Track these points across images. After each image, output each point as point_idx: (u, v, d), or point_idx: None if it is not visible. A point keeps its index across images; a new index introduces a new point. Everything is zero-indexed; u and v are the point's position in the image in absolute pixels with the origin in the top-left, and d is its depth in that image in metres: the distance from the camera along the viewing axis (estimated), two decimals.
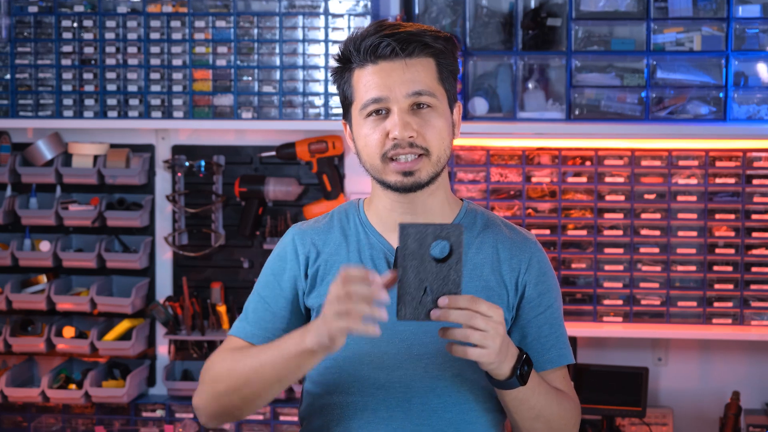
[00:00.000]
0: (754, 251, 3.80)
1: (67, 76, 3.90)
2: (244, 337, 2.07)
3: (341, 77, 2.05)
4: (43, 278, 4.03)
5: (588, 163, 3.85)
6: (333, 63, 2.07)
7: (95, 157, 3.99)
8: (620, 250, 3.83)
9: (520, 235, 2.10)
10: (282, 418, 3.90)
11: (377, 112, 1.99)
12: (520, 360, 1.90)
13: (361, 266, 1.83)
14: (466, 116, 3.81)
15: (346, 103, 2.06)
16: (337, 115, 3.81)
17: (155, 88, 3.87)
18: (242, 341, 2.06)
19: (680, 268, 3.83)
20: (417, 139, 1.97)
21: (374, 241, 2.05)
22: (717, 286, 3.82)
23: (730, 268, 3.81)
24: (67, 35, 3.89)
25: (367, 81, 1.99)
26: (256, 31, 3.82)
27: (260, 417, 3.89)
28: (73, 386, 3.97)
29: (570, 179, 3.86)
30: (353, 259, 2.04)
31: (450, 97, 2.04)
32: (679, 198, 3.83)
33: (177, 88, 3.87)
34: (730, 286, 3.81)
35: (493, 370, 1.88)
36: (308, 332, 1.85)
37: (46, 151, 3.99)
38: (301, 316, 2.08)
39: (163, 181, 4.05)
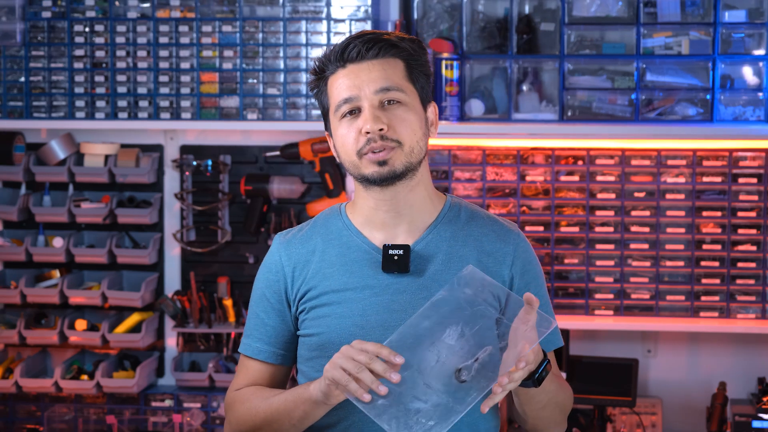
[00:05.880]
0: (740, 247, 3.85)
1: (79, 78, 3.95)
2: (252, 355, 2.14)
3: (318, 89, 2.10)
4: (56, 273, 4.06)
5: (580, 162, 3.90)
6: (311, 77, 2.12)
7: (106, 157, 4.02)
8: (611, 246, 3.89)
9: (503, 228, 2.12)
10: None
11: (351, 112, 2.04)
12: (542, 364, 1.92)
13: (377, 344, 1.86)
14: (463, 117, 3.85)
15: (325, 112, 2.11)
16: None
17: (164, 90, 3.92)
18: (252, 360, 2.14)
19: (669, 263, 3.89)
20: (388, 132, 2.01)
21: (359, 242, 2.09)
22: (704, 280, 3.87)
23: (716, 264, 3.87)
24: (79, 39, 3.94)
25: (339, 84, 2.04)
26: (261, 35, 3.87)
27: None
28: (84, 377, 4.00)
29: (563, 178, 3.91)
30: (339, 262, 2.08)
31: (423, 96, 2.09)
32: (668, 196, 3.88)
33: (185, 90, 3.91)
34: (717, 281, 3.86)
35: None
36: (312, 383, 1.94)
37: (59, 150, 4.03)
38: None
39: (171, 180, 4.09)
